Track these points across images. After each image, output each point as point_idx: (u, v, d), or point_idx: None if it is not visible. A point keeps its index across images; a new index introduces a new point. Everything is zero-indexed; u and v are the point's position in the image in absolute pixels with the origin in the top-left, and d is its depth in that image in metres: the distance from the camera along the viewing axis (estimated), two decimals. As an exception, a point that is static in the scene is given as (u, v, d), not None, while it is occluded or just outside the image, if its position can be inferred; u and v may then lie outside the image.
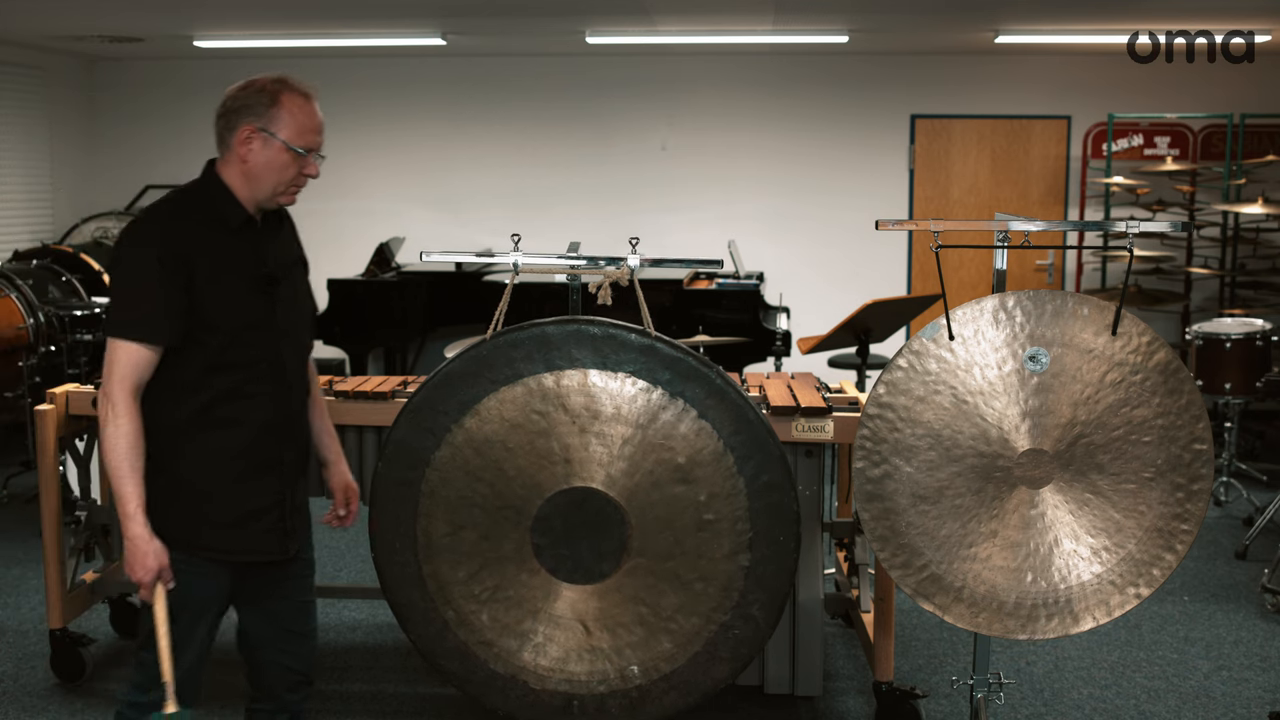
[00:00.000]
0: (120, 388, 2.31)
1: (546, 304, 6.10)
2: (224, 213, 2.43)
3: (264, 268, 2.46)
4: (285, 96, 2.42)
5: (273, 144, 2.41)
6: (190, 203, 2.44)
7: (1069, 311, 2.66)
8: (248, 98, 2.43)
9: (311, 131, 2.44)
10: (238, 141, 2.42)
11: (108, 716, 3.53)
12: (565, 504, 2.60)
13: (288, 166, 2.43)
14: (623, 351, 2.59)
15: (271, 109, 2.41)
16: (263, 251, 2.48)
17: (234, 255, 2.42)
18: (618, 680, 2.64)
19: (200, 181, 2.48)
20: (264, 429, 2.45)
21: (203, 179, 2.48)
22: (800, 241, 8.01)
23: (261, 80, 2.44)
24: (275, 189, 2.45)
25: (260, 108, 2.41)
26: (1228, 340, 5.53)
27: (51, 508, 3.62)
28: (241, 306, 2.41)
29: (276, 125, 2.41)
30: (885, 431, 2.67)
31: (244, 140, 2.42)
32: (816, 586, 3.34)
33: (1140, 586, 2.67)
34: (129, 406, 2.32)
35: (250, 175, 2.43)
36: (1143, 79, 7.58)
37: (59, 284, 6.39)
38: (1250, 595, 4.60)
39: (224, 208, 2.43)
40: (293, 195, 2.49)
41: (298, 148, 2.42)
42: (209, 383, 2.38)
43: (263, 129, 2.41)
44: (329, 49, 7.62)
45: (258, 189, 2.44)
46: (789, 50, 7.80)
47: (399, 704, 3.61)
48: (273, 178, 2.43)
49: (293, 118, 2.41)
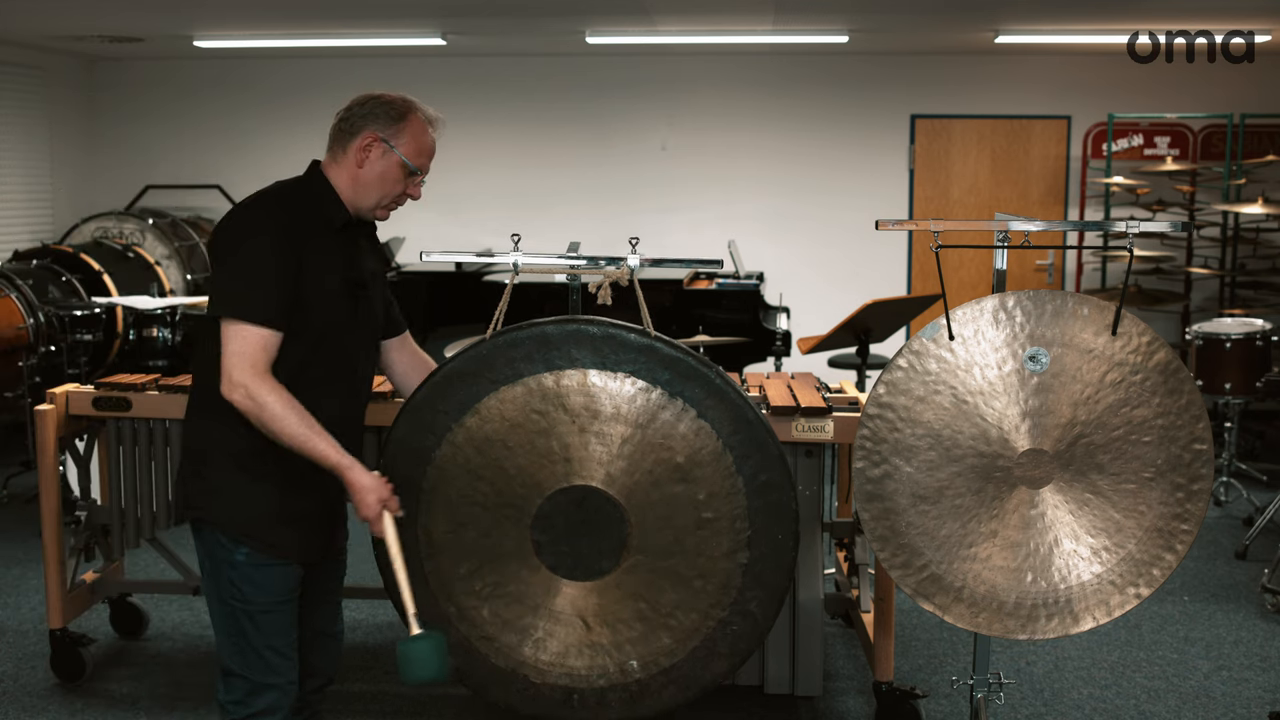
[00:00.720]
0: (244, 369, 2.29)
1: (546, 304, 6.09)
2: (328, 212, 2.46)
3: (355, 271, 2.49)
4: (413, 115, 2.49)
5: (391, 156, 2.46)
6: (297, 198, 2.45)
7: (1069, 311, 2.66)
8: (376, 107, 2.47)
9: (427, 154, 2.51)
10: (357, 146, 2.46)
11: (108, 716, 3.53)
12: (565, 502, 2.61)
13: (398, 182, 2.48)
14: (622, 351, 2.60)
15: (398, 123, 2.47)
16: (355, 256, 2.51)
17: (333, 255, 2.44)
18: (617, 675, 2.65)
19: (305, 179, 2.50)
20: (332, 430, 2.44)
21: (308, 177, 2.50)
22: (800, 241, 8.02)
23: (392, 95, 2.51)
24: (380, 201, 2.49)
25: (387, 119, 2.46)
26: (1228, 340, 5.53)
27: (51, 508, 3.62)
28: (334, 306, 2.44)
29: (399, 139, 2.46)
30: (885, 431, 2.67)
31: (364, 146, 2.46)
32: (816, 586, 3.34)
33: (1140, 586, 2.67)
34: (263, 380, 2.30)
35: (360, 182, 2.47)
36: (1143, 79, 7.58)
37: (59, 284, 6.39)
38: (1250, 595, 4.60)
39: (329, 207, 2.46)
40: (389, 212, 2.54)
41: (413, 165, 2.48)
42: (294, 379, 2.38)
43: (385, 139, 2.46)
44: (329, 49, 7.63)
45: (363, 197, 2.48)
46: (789, 50, 7.80)
47: (399, 704, 3.61)
48: (381, 189, 2.48)
49: (415, 137, 2.48)
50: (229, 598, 2.45)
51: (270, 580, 2.45)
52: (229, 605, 2.46)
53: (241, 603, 2.44)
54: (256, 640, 2.45)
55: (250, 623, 2.45)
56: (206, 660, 3.91)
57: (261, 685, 2.47)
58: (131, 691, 3.68)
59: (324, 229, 2.44)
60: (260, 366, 2.31)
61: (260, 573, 2.43)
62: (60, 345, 5.91)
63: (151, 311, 5.97)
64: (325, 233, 2.44)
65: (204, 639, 4.09)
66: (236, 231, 2.39)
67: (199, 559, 2.51)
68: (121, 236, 7.38)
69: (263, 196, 2.46)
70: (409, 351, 2.77)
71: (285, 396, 2.31)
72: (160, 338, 5.94)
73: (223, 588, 2.46)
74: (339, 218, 2.47)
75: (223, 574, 2.45)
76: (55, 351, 5.92)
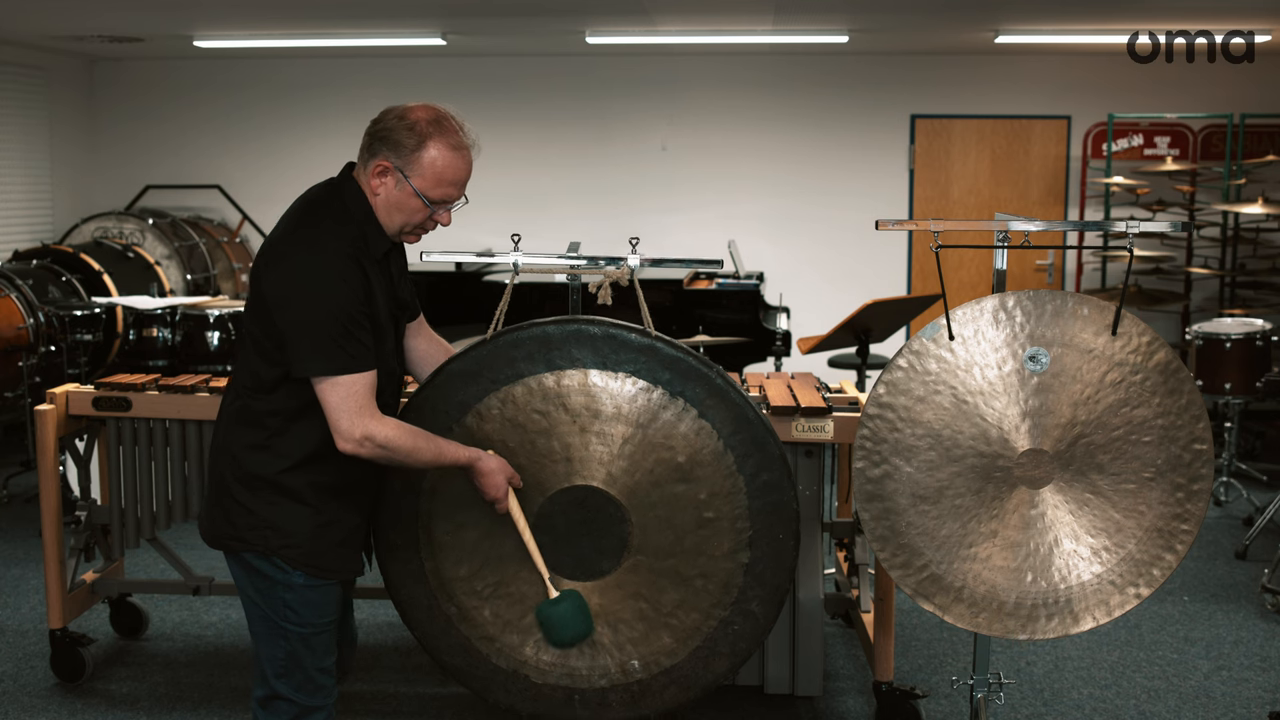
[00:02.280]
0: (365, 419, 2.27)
1: (546, 304, 6.09)
2: (372, 240, 2.37)
3: (396, 295, 2.47)
4: (433, 143, 2.32)
5: (405, 187, 2.34)
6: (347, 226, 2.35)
7: (1069, 311, 2.66)
8: (398, 130, 2.33)
9: (450, 184, 2.36)
10: (372, 172, 2.35)
11: (108, 716, 3.53)
12: (566, 502, 2.61)
13: (416, 212, 2.37)
14: (623, 351, 2.60)
15: (415, 152, 2.32)
16: (394, 277, 2.47)
17: (379, 281, 2.39)
18: (619, 675, 2.65)
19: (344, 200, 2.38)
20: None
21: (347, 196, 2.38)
22: (800, 241, 8.02)
23: (419, 115, 2.34)
24: (402, 228, 2.40)
25: (404, 147, 2.32)
26: (1228, 340, 5.53)
27: (51, 508, 3.62)
28: (384, 332, 2.40)
29: (413, 170, 2.33)
30: (885, 431, 2.67)
31: (378, 172, 2.35)
32: (816, 586, 3.34)
33: (1140, 586, 2.67)
34: (383, 425, 2.29)
35: (379, 208, 2.38)
36: (1143, 79, 7.58)
37: (59, 284, 6.39)
38: (1250, 595, 4.60)
39: (372, 236, 2.37)
40: (418, 237, 2.44)
41: (429, 199, 2.35)
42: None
43: (399, 169, 2.33)
44: (329, 49, 7.63)
45: (387, 223, 2.39)
46: (789, 50, 7.80)
47: (399, 704, 3.61)
48: (400, 218, 2.38)
49: (433, 168, 2.33)
50: (283, 621, 2.40)
51: (325, 601, 2.43)
52: (281, 629, 2.41)
53: (298, 626, 2.40)
54: (309, 662, 2.43)
55: (304, 645, 2.42)
56: (206, 660, 3.91)
57: (310, 708, 2.45)
58: (131, 691, 3.68)
59: (371, 259, 2.37)
60: (367, 411, 2.27)
61: (316, 594, 2.41)
62: (60, 345, 5.91)
63: (151, 311, 5.97)
64: (373, 262, 2.37)
65: (204, 639, 4.09)
66: (308, 278, 2.26)
67: (239, 586, 2.45)
68: (121, 236, 7.38)
69: (314, 235, 2.31)
70: (425, 336, 2.73)
71: (403, 428, 2.33)
72: (160, 338, 5.94)
73: (276, 612, 2.40)
74: (381, 248, 2.40)
75: (277, 598, 2.39)
76: (55, 351, 5.92)
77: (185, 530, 4.86)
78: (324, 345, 2.25)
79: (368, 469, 2.44)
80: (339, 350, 2.25)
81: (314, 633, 2.43)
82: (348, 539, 2.46)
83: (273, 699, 2.45)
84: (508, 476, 2.49)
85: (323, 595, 2.43)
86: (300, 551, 2.38)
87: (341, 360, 2.25)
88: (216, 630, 4.17)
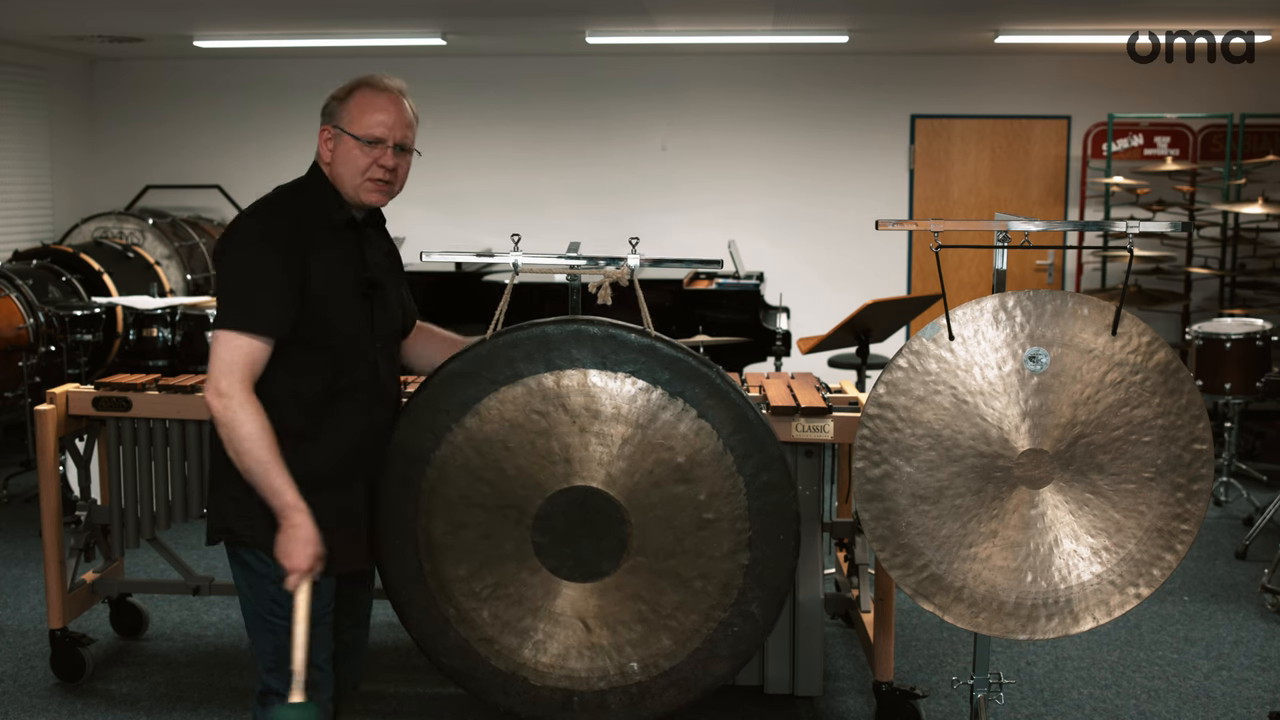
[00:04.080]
0: (231, 379, 2.27)
1: (546, 304, 6.09)
2: (329, 210, 2.44)
3: (366, 271, 2.47)
4: (358, 92, 2.43)
5: (343, 139, 2.42)
6: (296, 200, 2.44)
7: (1069, 311, 2.66)
8: (332, 100, 2.46)
9: (379, 123, 2.41)
10: (320, 143, 2.46)
11: (108, 716, 3.53)
12: (566, 503, 2.61)
13: (359, 158, 2.42)
14: (622, 351, 2.60)
15: (342, 105, 2.43)
16: (365, 255, 2.48)
17: (342, 255, 2.42)
18: (618, 677, 2.65)
19: (305, 180, 2.49)
20: (360, 435, 2.46)
21: (308, 177, 2.49)
22: (800, 241, 8.02)
23: (348, 82, 2.47)
24: (354, 183, 2.43)
25: (335, 105, 2.45)
26: (1228, 340, 5.53)
27: (51, 508, 3.62)
28: (350, 310, 2.41)
29: (345, 120, 2.42)
30: (885, 431, 2.67)
31: (323, 141, 2.46)
32: (816, 586, 3.34)
33: (1140, 586, 2.67)
34: (247, 397, 2.27)
35: (333, 173, 2.45)
36: (1143, 79, 7.58)
37: (59, 284, 6.39)
38: (1250, 595, 4.60)
39: (329, 205, 2.44)
40: (376, 192, 2.45)
41: (362, 137, 2.40)
42: (313, 386, 2.37)
43: (335, 125, 2.44)
44: (329, 49, 7.63)
45: (343, 187, 2.44)
46: (789, 50, 7.80)
47: (399, 704, 3.61)
48: (350, 171, 2.42)
49: (360, 109, 2.42)
50: (269, 615, 2.42)
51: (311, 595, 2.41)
52: (269, 623, 2.42)
53: (284, 620, 2.39)
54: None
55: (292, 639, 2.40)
56: (206, 660, 3.91)
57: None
58: (131, 691, 3.68)
59: (326, 229, 2.42)
60: (245, 379, 2.28)
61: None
62: (60, 345, 5.91)
63: (151, 311, 5.97)
64: (329, 233, 2.42)
65: (204, 639, 4.09)
66: (231, 241, 2.38)
67: (235, 581, 2.48)
68: (121, 236, 7.38)
69: (261, 203, 2.44)
70: (426, 332, 2.74)
71: (262, 420, 2.28)
72: (160, 338, 5.94)
73: (263, 605, 2.42)
74: (340, 214, 2.45)
75: (263, 591, 2.41)
76: (55, 351, 5.92)
77: (185, 530, 4.86)
78: (229, 299, 2.33)
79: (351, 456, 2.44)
80: (238, 307, 2.30)
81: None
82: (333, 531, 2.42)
83: (266, 693, 2.45)
84: (316, 555, 2.32)
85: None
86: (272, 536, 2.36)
87: (236, 315, 2.29)
88: (216, 630, 4.17)
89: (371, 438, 2.51)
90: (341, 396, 2.42)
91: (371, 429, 2.50)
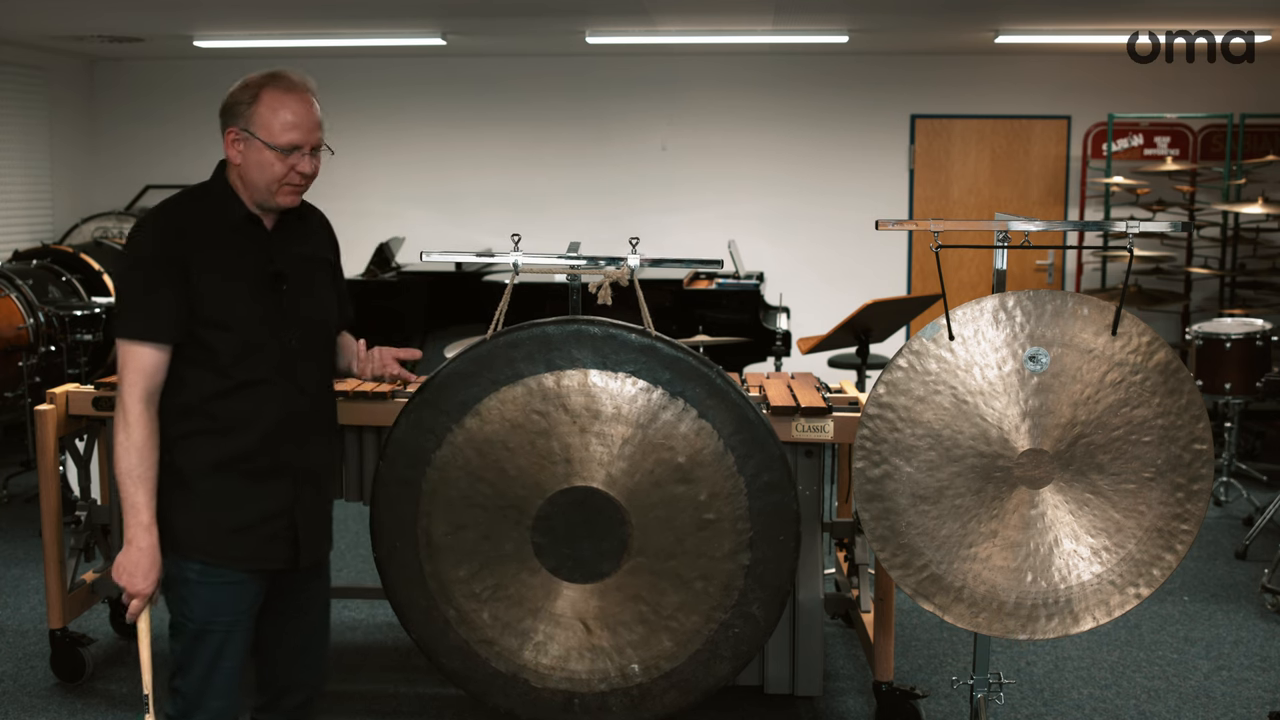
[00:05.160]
0: (131, 393, 2.28)
1: (546, 304, 6.09)
2: (224, 210, 2.40)
3: (271, 265, 2.41)
4: (266, 93, 2.35)
5: (254, 144, 2.35)
6: (192, 202, 2.42)
7: (1069, 311, 2.66)
8: (235, 98, 2.39)
9: (293, 128, 2.35)
10: (226, 144, 2.39)
11: (107, 716, 3.53)
12: (566, 503, 2.61)
13: (273, 164, 2.35)
14: (623, 351, 2.60)
15: (251, 108, 2.35)
16: (271, 250, 2.43)
17: (236, 252, 2.38)
18: (619, 678, 2.65)
19: (208, 181, 2.46)
20: (273, 431, 2.40)
21: (211, 178, 2.46)
22: (800, 241, 8.02)
23: (251, 78, 2.38)
24: (268, 188, 2.38)
25: (242, 108, 2.37)
26: (1228, 340, 5.53)
27: (51, 508, 3.62)
28: (245, 304, 2.36)
29: (255, 125, 2.35)
30: (885, 431, 2.67)
31: (230, 143, 2.39)
32: (816, 586, 3.34)
33: (1140, 586, 2.67)
34: (140, 414, 2.29)
35: (243, 176, 2.40)
36: (1143, 79, 7.58)
37: (59, 284, 6.39)
38: (1250, 595, 4.60)
39: (225, 206, 2.40)
40: (291, 194, 2.41)
41: (277, 146, 2.34)
42: (214, 383, 2.35)
43: (244, 129, 2.36)
44: (329, 49, 7.62)
45: (253, 190, 2.39)
46: (789, 50, 7.80)
47: (399, 704, 3.61)
48: (263, 177, 2.36)
49: (272, 114, 2.34)
50: (179, 616, 2.42)
51: (221, 598, 2.40)
52: (181, 625, 2.42)
53: (190, 621, 2.40)
54: (200, 660, 2.41)
55: (197, 642, 2.41)
56: (207, 660, 3.91)
57: (193, 709, 2.43)
58: (131, 691, 3.68)
59: (222, 228, 2.37)
60: (137, 388, 2.28)
61: (210, 590, 2.39)
62: (60, 345, 5.91)
63: (151, 311, 5.96)
64: (223, 230, 2.37)
65: (204, 639, 4.09)
66: (124, 250, 2.37)
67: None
68: (121, 236, 7.38)
69: (155, 208, 2.42)
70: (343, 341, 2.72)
71: (141, 435, 2.28)
72: (160, 338, 5.93)
73: (175, 608, 2.42)
74: (236, 213, 2.39)
75: (175, 594, 2.41)
76: (55, 351, 5.92)
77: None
78: (121, 307, 2.33)
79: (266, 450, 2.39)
80: (129, 315, 2.30)
81: (208, 630, 2.39)
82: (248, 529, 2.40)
83: (173, 692, 2.46)
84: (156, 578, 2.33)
85: (218, 593, 2.39)
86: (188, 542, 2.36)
87: (129, 324, 2.30)
88: (216, 630, 4.17)
89: (291, 430, 2.43)
90: (249, 389, 2.36)
91: (290, 421, 2.42)
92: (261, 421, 2.38)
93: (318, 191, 2.57)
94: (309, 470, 2.49)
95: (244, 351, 2.36)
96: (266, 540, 2.44)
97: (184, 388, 2.34)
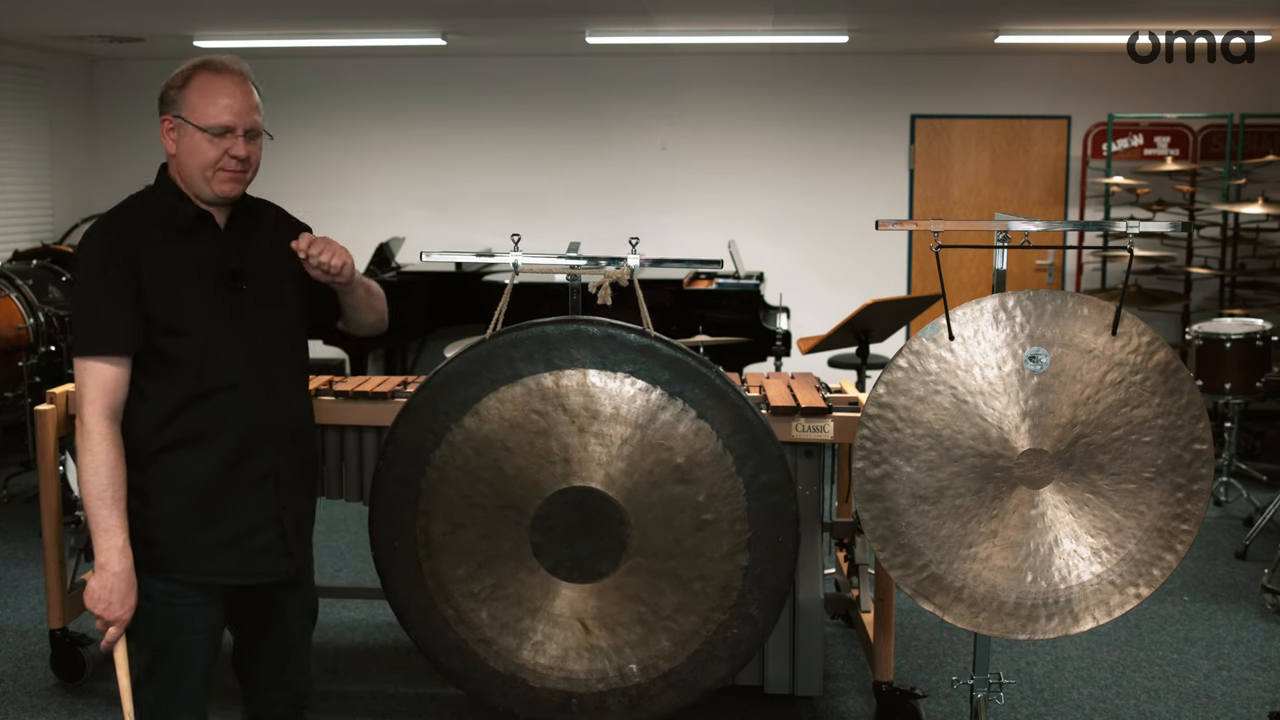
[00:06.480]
0: (91, 410, 2.19)
1: (546, 304, 6.09)
2: (173, 210, 2.31)
3: (228, 264, 2.31)
4: (196, 77, 2.29)
5: (186, 129, 2.28)
6: (139, 206, 2.33)
7: (1069, 311, 2.66)
8: (168, 85, 2.32)
9: (225, 110, 2.27)
10: (162, 134, 2.32)
11: (107, 716, 3.53)
12: (564, 503, 2.60)
13: (206, 149, 2.27)
14: (622, 351, 2.59)
15: (181, 93, 2.29)
16: (228, 248, 2.33)
17: (189, 254, 2.28)
18: (617, 678, 2.65)
19: (155, 181, 2.38)
20: (246, 438, 2.30)
21: (158, 177, 2.38)
22: (800, 241, 8.01)
23: (184, 65, 2.33)
24: (203, 176, 2.28)
25: (174, 93, 2.31)
26: (1228, 340, 5.53)
27: (51, 508, 3.62)
28: (204, 308, 2.27)
29: (186, 109, 2.28)
30: (885, 431, 2.67)
31: (166, 132, 2.32)
32: (816, 586, 3.34)
33: (1140, 586, 2.67)
34: (104, 431, 2.20)
35: (179, 166, 2.31)
36: (1143, 79, 7.58)
37: (59, 284, 6.39)
38: (1250, 595, 4.60)
39: (173, 206, 2.31)
40: (228, 181, 2.30)
41: (208, 127, 2.26)
42: (180, 392, 2.25)
43: (176, 114, 2.30)
44: (329, 49, 7.62)
45: (190, 180, 2.30)
46: (789, 50, 7.80)
47: (398, 704, 3.61)
48: (196, 163, 2.28)
49: (200, 96, 2.27)
50: (137, 629, 2.33)
51: (179, 616, 2.32)
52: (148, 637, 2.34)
53: (149, 636, 2.33)
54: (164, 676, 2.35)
55: (157, 660, 2.34)
56: (206, 660, 3.91)
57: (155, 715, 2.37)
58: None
59: (170, 230, 2.29)
60: (97, 404, 2.19)
61: (167, 610, 2.31)
62: (60, 345, 5.91)
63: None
64: (173, 232, 2.29)
65: (204, 639, 4.09)
66: (75, 262, 2.30)
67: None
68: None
69: (102, 215, 2.34)
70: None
71: (106, 454, 2.19)
72: (160, 338, 5.93)
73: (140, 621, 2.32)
74: (186, 214, 2.30)
75: (141, 611, 2.30)
76: (55, 351, 5.92)
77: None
78: (76, 324, 2.25)
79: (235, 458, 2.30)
80: (84, 331, 2.22)
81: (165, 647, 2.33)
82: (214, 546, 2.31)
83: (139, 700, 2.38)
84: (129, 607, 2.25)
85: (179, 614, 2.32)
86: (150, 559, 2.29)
87: (85, 340, 2.21)
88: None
89: (266, 437, 2.34)
90: (217, 396, 2.27)
91: (263, 428, 2.33)
92: (233, 429, 2.29)
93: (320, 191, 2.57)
94: (292, 477, 2.40)
95: (206, 356, 2.26)
96: (259, 551, 2.36)
97: (148, 401, 2.25)
